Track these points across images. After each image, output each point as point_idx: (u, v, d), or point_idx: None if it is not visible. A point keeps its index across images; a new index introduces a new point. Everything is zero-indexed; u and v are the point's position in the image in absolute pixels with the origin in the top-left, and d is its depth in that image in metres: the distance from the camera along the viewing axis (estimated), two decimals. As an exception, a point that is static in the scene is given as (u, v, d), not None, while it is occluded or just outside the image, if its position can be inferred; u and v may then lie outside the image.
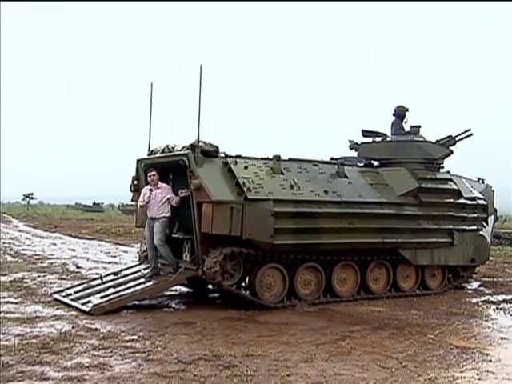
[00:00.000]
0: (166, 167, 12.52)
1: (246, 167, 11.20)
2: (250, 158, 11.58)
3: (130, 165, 12.94)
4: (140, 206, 11.75)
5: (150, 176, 11.50)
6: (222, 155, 11.34)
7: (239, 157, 11.48)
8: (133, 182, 12.81)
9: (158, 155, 12.13)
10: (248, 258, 11.03)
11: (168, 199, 11.47)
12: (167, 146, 11.95)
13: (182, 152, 11.17)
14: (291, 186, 11.48)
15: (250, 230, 10.61)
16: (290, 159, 12.22)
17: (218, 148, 11.29)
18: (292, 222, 11.14)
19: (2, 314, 9.85)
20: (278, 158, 11.77)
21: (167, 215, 11.48)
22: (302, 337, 8.78)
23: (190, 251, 11.70)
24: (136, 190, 12.74)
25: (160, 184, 11.61)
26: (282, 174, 11.64)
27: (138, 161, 12.67)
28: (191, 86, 10.74)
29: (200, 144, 10.95)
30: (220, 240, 10.69)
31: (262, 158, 11.81)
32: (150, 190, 11.54)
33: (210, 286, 12.56)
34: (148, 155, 12.50)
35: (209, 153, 11.13)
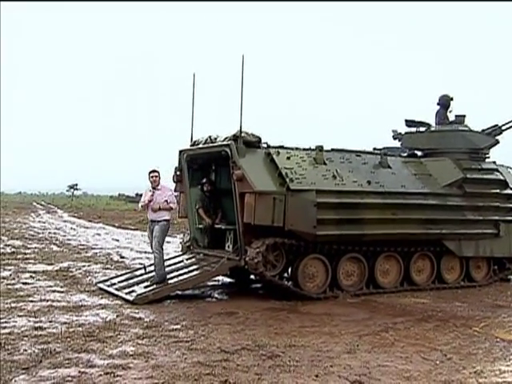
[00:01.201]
0: (209, 158, 12.61)
1: (288, 157, 11.13)
2: (292, 149, 11.53)
3: (173, 156, 12.89)
4: (141, 206, 11.23)
5: (151, 176, 11.02)
6: (265, 146, 11.31)
7: (281, 147, 11.43)
8: (175, 172, 12.90)
9: (200, 146, 12.19)
10: (290, 248, 10.99)
11: (166, 201, 10.95)
12: (210, 136, 11.96)
13: (224, 143, 11.17)
14: (334, 176, 11.39)
15: (293, 221, 10.56)
16: (332, 149, 12.11)
17: (260, 138, 11.25)
18: (335, 213, 11.05)
19: (49, 303, 10.02)
20: (320, 149, 11.68)
21: (167, 218, 11.00)
22: (344, 328, 8.73)
23: (233, 242, 11.82)
24: (179, 180, 12.86)
25: (161, 185, 11.14)
26: (325, 164, 11.55)
27: (180, 152, 12.74)
28: (233, 76, 10.71)
29: (242, 134, 10.93)
30: (262, 231, 10.66)
31: (305, 149, 11.73)
32: (152, 190, 11.06)
33: (252, 277, 12.63)
34: (191, 146, 12.53)
35: (251, 143, 11.10)
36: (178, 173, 12.83)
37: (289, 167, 10.91)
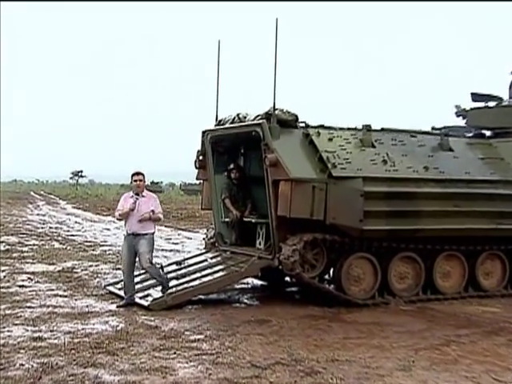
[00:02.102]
0: (237, 140, 12.63)
1: (330, 139, 11.13)
2: (334, 129, 11.52)
3: (195, 138, 13.03)
4: (118, 215, 10.81)
5: (135, 180, 10.69)
6: (302, 125, 11.32)
7: (322, 127, 11.42)
8: (198, 157, 12.93)
9: (227, 126, 12.22)
10: (332, 245, 10.99)
11: (152, 211, 10.65)
12: (238, 115, 11.99)
13: (255, 122, 11.19)
14: (384, 161, 11.31)
15: (335, 214, 10.58)
16: (382, 129, 12.02)
17: (297, 117, 11.25)
18: (385, 204, 10.96)
19: (50, 309, 10.07)
20: (368, 128, 11.61)
21: (153, 231, 10.77)
22: (397, 340, 8.67)
23: (265, 238, 11.79)
24: (201, 166, 12.93)
25: (146, 192, 10.85)
26: (373, 147, 11.48)
27: (203, 133, 12.74)
28: (265, 45, 10.73)
29: (276, 112, 10.92)
30: (300, 225, 10.70)
31: (350, 129, 11.70)
32: (135, 196, 10.67)
33: (287, 279, 12.64)
34: (215, 126, 12.57)
35: (287, 122, 11.09)
36: (200, 157, 12.89)
37: (331, 150, 10.89)
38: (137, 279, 11.94)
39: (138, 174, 10.76)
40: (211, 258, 12.36)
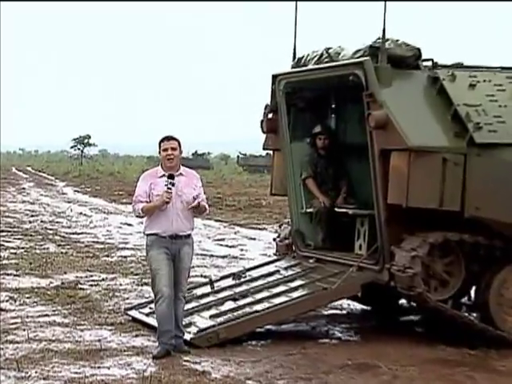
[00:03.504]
0: (326, 89, 12.69)
1: (472, 85, 10.89)
2: (480, 69, 11.35)
3: (257, 87, 13.11)
4: (141, 210, 10.07)
5: (164, 150, 10.12)
6: (428, 64, 11.21)
7: (460, 66, 11.30)
8: (266, 115, 12.78)
9: (310, 67, 12.08)
10: (475, 251, 10.77)
11: (195, 198, 10.14)
12: (327, 50, 11.87)
13: (353, 61, 11.09)
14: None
15: (480, 202, 10.44)
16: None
17: (419, 51, 11.14)
18: None
19: (44, 345, 10.03)
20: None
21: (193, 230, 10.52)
22: None
23: (368, 237, 11.87)
24: (271, 129, 12.78)
25: (183, 168, 10.36)
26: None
27: (274, 78, 12.57)
28: None
29: (387, 45, 10.81)
30: (422, 219, 10.58)
31: (504, 68, 11.53)
32: (167, 178, 10.06)
33: (402, 302, 12.64)
34: (293, 68, 12.50)
35: (403, 60, 10.98)
36: (269, 116, 12.83)
37: (473, 104, 10.64)
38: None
39: (169, 138, 10.22)
40: (285, 269, 12.32)
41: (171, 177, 9.80)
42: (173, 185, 9.77)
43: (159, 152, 10.15)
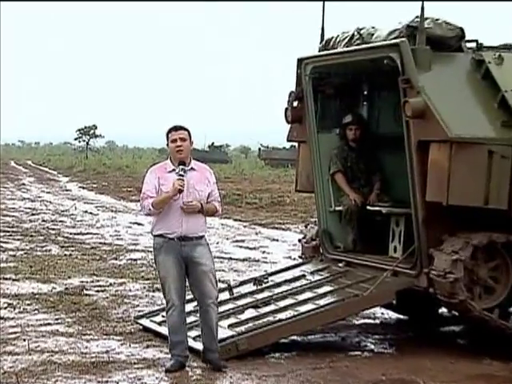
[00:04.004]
0: (357, 74, 12.78)
1: None
2: None
3: (286, 72, 13.18)
4: (152, 205, 9.98)
5: (173, 141, 10.00)
6: (471, 46, 11.17)
7: (507, 48, 11.29)
8: (290, 103, 12.73)
9: (339, 50, 12.05)
10: None
11: (207, 196, 10.10)
12: (359, 31, 11.91)
13: (387, 42, 11.08)
14: None
15: None
16: None
17: (462, 31, 11.10)
18: None
19: (46, 356, 10.03)
20: None
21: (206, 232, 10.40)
22: None
23: (403, 238, 11.83)
24: (296, 119, 12.74)
25: (195, 162, 10.28)
26: None
27: (300, 62, 12.52)
28: None
29: (426, 25, 10.75)
30: (465, 218, 10.56)
31: None
32: (179, 171, 9.96)
33: (443, 310, 12.62)
34: (320, 51, 12.50)
35: (444, 41, 10.95)
36: (294, 104, 12.79)
37: None
38: (187, 307, 11.64)
39: (177, 128, 10.08)
40: (312, 274, 12.31)
41: (182, 163, 9.76)
42: (184, 171, 9.72)
43: (167, 144, 10.08)
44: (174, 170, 9.88)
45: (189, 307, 11.30)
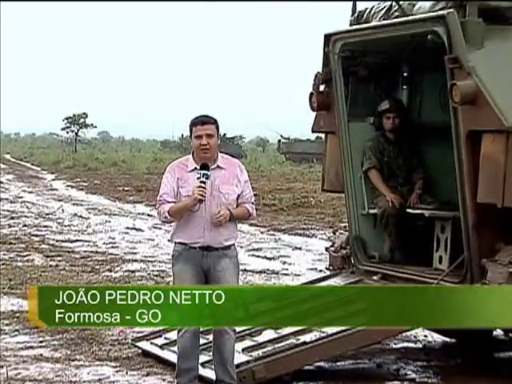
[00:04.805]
0: (395, 53, 12.87)
1: None
2: None
3: (306, 52, 13.07)
4: (169, 213, 9.79)
5: (198, 137, 9.76)
6: None
7: None
8: (316, 87, 12.68)
9: (374, 24, 12.10)
10: None
11: (236, 198, 10.00)
12: (398, 1, 11.84)
13: (432, 14, 11.02)
14: None
15: None
16: None
17: None
18: None
19: None
20: None
21: (236, 240, 10.29)
22: None
23: (450, 247, 11.80)
24: (324, 106, 12.69)
25: (222, 158, 10.16)
26: None
27: (327, 39, 12.49)
28: None
29: None
30: None
31: None
32: (202, 167, 9.76)
33: (498, 332, 12.54)
34: (352, 25, 12.57)
35: (499, 13, 10.95)
36: (321, 88, 12.79)
37: None
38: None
39: (203, 122, 9.84)
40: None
41: (205, 167, 9.53)
42: (207, 177, 9.50)
43: (190, 136, 9.90)
44: (196, 168, 9.67)
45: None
